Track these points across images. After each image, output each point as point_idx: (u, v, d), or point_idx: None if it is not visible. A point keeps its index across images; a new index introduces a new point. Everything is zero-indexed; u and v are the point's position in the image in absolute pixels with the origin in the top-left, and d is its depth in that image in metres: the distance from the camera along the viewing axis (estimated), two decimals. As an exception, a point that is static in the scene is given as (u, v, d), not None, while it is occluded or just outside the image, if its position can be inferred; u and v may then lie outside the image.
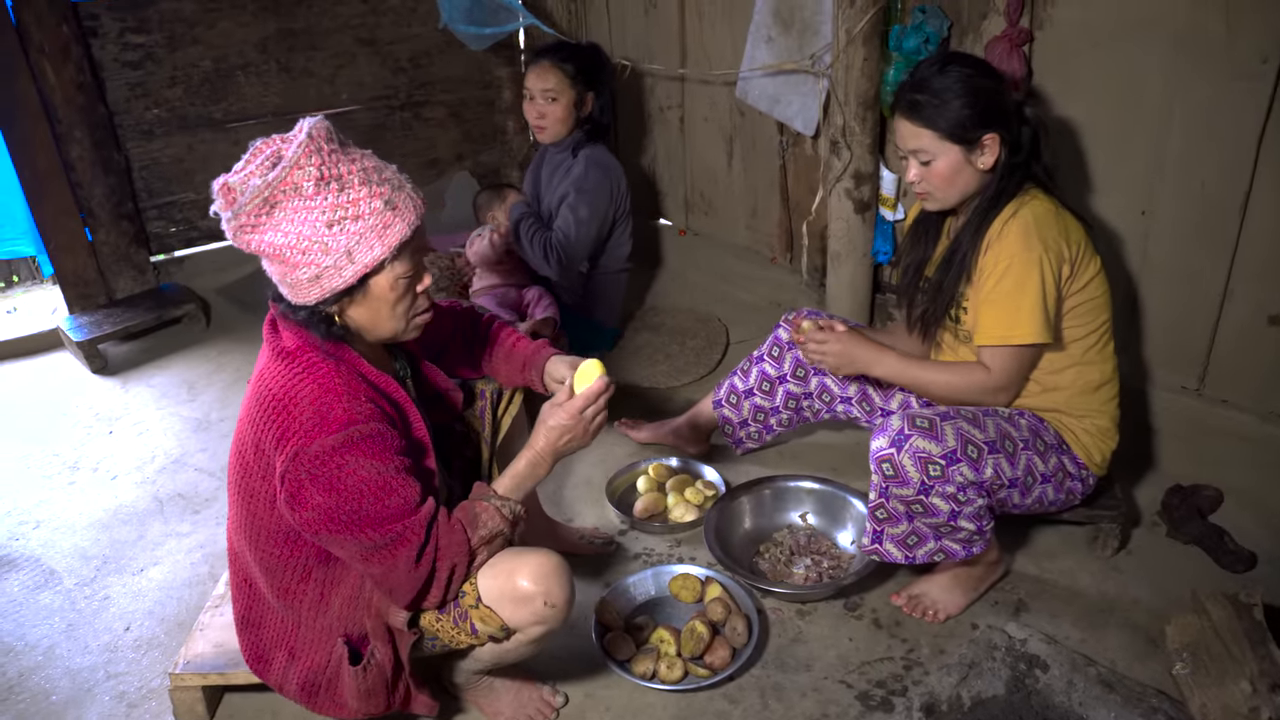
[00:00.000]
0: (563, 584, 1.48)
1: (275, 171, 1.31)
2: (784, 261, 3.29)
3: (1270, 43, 1.91)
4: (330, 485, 1.35)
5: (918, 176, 1.87)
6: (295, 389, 1.37)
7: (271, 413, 1.38)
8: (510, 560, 1.49)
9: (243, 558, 1.58)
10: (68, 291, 3.30)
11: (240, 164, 1.37)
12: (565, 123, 2.79)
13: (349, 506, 1.35)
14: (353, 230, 1.34)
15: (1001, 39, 2.25)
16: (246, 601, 1.61)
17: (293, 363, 1.40)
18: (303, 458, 1.34)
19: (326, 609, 1.53)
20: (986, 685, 1.73)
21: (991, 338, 1.84)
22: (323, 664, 1.54)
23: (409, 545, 1.39)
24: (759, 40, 2.91)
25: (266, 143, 1.37)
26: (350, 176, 1.34)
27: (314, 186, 1.32)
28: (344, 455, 1.34)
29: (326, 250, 1.34)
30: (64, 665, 1.95)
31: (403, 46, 3.70)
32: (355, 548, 1.39)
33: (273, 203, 1.32)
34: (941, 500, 1.74)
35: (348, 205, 1.33)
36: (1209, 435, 2.26)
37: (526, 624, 1.49)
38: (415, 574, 1.41)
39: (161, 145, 3.37)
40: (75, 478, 2.58)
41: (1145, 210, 2.21)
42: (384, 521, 1.37)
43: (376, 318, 1.45)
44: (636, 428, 2.57)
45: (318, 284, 1.37)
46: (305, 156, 1.31)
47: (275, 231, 1.34)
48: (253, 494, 1.47)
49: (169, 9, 3.24)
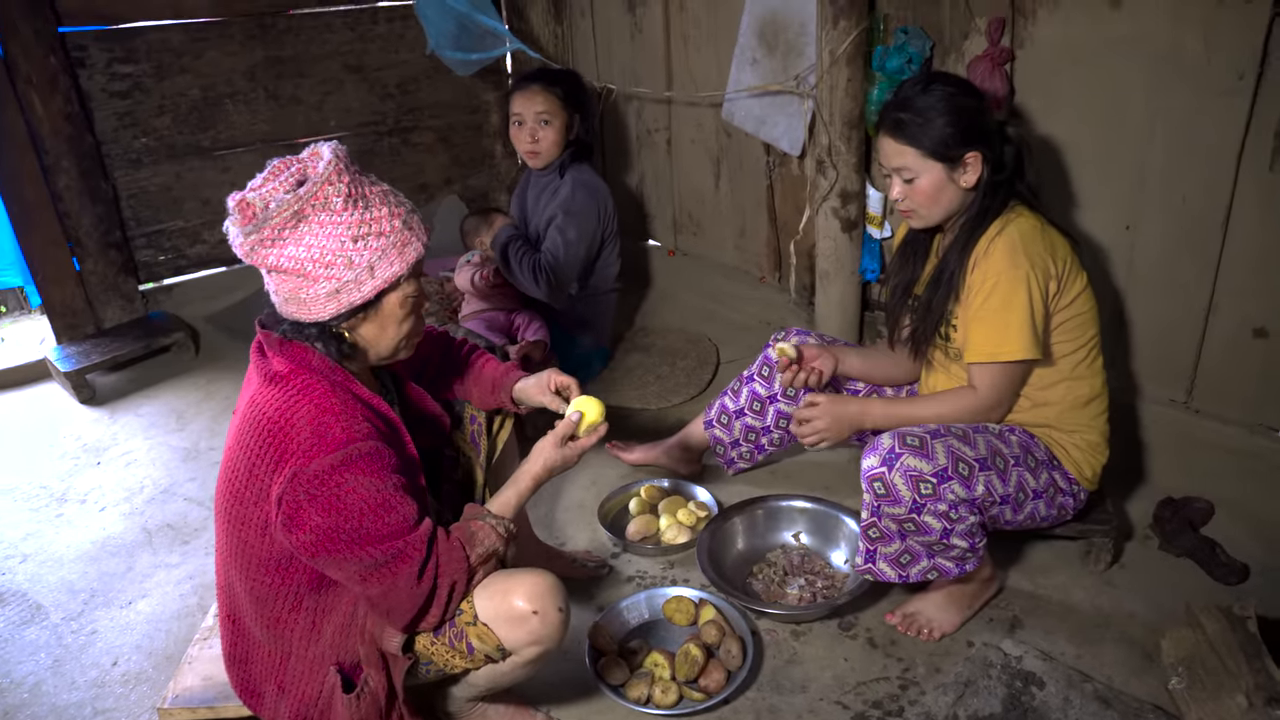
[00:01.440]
0: (558, 603, 1.49)
1: (306, 186, 1.35)
2: (773, 281, 3.30)
3: (1246, 59, 1.93)
4: (329, 504, 1.35)
5: (901, 194, 1.88)
6: (291, 411, 1.37)
7: (267, 436, 1.38)
8: (505, 580, 1.49)
9: (231, 590, 1.56)
10: (55, 322, 3.28)
11: (258, 181, 1.40)
12: (558, 145, 2.81)
13: (349, 525, 1.35)
14: (375, 246, 1.38)
15: (983, 58, 2.28)
16: (232, 638, 1.60)
17: (286, 386, 1.40)
18: (301, 478, 1.34)
19: (318, 638, 1.51)
20: (983, 703, 1.72)
21: (981, 355, 1.85)
22: (314, 695, 1.52)
23: (410, 562, 1.39)
24: (744, 63, 2.93)
25: (285, 162, 1.41)
26: (372, 196, 1.40)
27: (343, 202, 1.36)
28: (343, 474, 1.35)
29: (350, 265, 1.37)
30: (50, 702, 1.92)
31: (390, 73, 3.72)
32: (355, 567, 1.38)
33: (301, 216, 1.35)
34: (934, 518, 1.74)
35: (371, 222, 1.38)
36: (1198, 448, 2.27)
37: (522, 644, 1.49)
38: (416, 592, 1.41)
39: (149, 174, 3.37)
40: (63, 510, 2.56)
41: (1130, 225, 2.23)
42: (384, 539, 1.37)
43: (382, 335, 1.48)
44: (628, 449, 2.56)
45: (336, 298, 1.39)
46: (336, 174, 1.36)
47: (298, 245, 1.36)
48: (244, 521, 1.46)
49: (156, 39, 3.25)
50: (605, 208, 2.85)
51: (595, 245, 2.85)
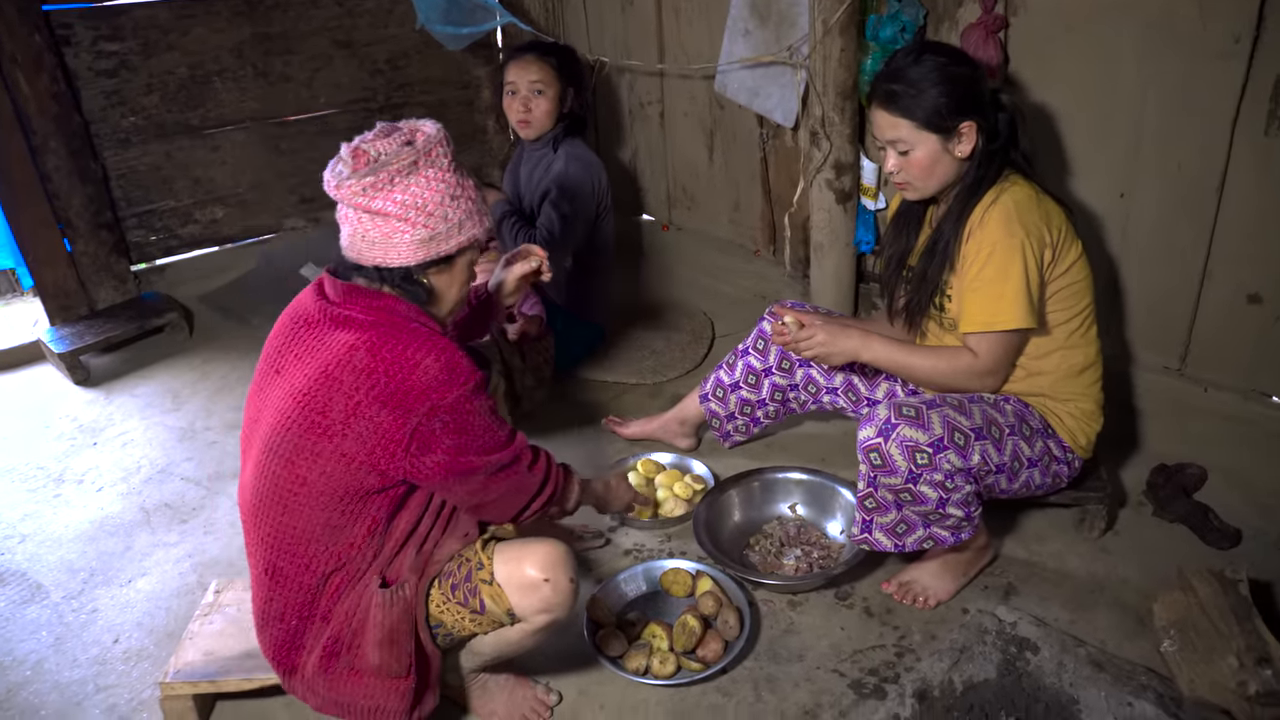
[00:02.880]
0: (569, 573, 1.56)
1: (421, 142, 1.52)
2: (767, 254, 3.29)
3: (1242, 22, 1.92)
4: (460, 428, 1.50)
5: (896, 166, 1.87)
6: (416, 352, 1.47)
7: (387, 378, 1.46)
8: (518, 549, 1.57)
9: (281, 534, 1.53)
10: (48, 303, 3.27)
11: (369, 135, 1.55)
12: (551, 116, 2.79)
13: (478, 443, 1.53)
14: (465, 207, 1.56)
15: (977, 26, 2.26)
16: (269, 594, 1.57)
17: (396, 331, 1.49)
18: (439, 410, 1.47)
19: (377, 556, 1.56)
20: (978, 669, 1.74)
21: (976, 324, 1.85)
22: (353, 610, 1.54)
23: (526, 457, 1.62)
24: (736, 34, 2.91)
25: (391, 125, 1.57)
26: (463, 168, 1.59)
27: (448, 163, 1.54)
28: (471, 401, 1.51)
29: (446, 218, 1.53)
30: (52, 679, 1.93)
31: (380, 48, 3.68)
32: (482, 474, 1.55)
33: (416, 167, 1.50)
34: (930, 488, 1.74)
35: (465, 186, 1.57)
36: (1192, 414, 2.28)
37: (532, 611, 1.54)
38: (534, 473, 1.63)
39: (139, 153, 3.34)
40: (60, 490, 2.56)
41: (1124, 193, 2.23)
42: (502, 446, 1.57)
43: (449, 290, 1.62)
44: (624, 424, 2.57)
45: (426, 246, 1.52)
46: (442, 141, 1.54)
47: (406, 192, 1.49)
48: (323, 455, 1.48)
49: (143, 16, 3.21)
50: (599, 181, 2.84)
51: (590, 219, 2.84)
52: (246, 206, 3.60)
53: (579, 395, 2.83)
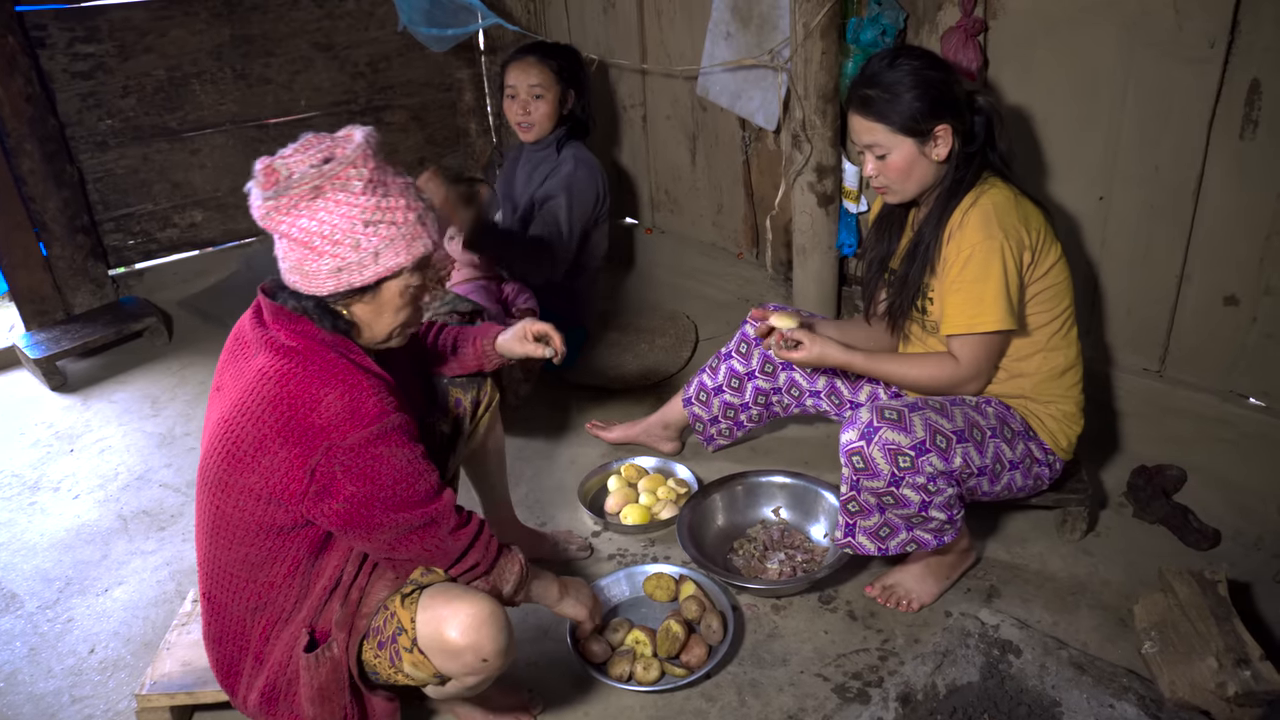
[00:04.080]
0: (494, 636, 1.44)
1: (330, 165, 1.38)
2: (750, 257, 3.30)
3: (1217, 26, 1.94)
4: (365, 475, 1.39)
5: (875, 171, 1.88)
6: (317, 387, 1.39)
7: (287, 409, 1.39)
8: (442, 607, 1.45)
9: (213, 563, 1.53)
10: (23, 308, 3.22)
11: (289, 150, 1.42)
12: (551, 119, 2.78)
13: (384, 494, 1.41)
14: (385, 235, 1.41)
15: (957, 29, 2.27)
16: (209, 616, 1.58)
17: (307, 361, 1.42)
18: (336, 451, 1.38)
19: (305, 601, 1.52)
20: (961, 672, 1.74)
21: (957, 326, 1.85)
22: (285, 662, 1.52)
23: (445, 521, 1.47)
24: (718, 37, 2.91)
25: (319, 137, 1.44)
26: (393, 187, 1.43)
27: (362, 186, 1.39)
28: (378, 446, 1.40)
29: (357, 247, 1.40)
30: (27, 690, 1.90)
31: (361, 51, 3.66)
32: (389, 533, 1.44)
33: (320, 191, 1.38)
34: (912, 491, 1.75)
35: (386, 211, 1.41)
36: (1171, 415, 2.29)
37: (459, 675, 1.48)
38: (457, 539, 1.48)
39: (116, 156, 3.30)
40: (36, 498, 2.53)
41: (1103, 195, 2.24)
42: (417, 504, 1.44)
43: (377, 319, 1.50)
44: (607, 428, 2.56)
45: (337, 276, 1.41)
46: (361, 159, 1.39)
47: (311, 218, 1.39)
48: (241, 489, 1.44)
49: (119, 17, 3.18)
50: (603, 186, 2.84)
51: (590, 222, 2.84)
52: (226, 210, 3.56)
53: (562, 399, 2.82)
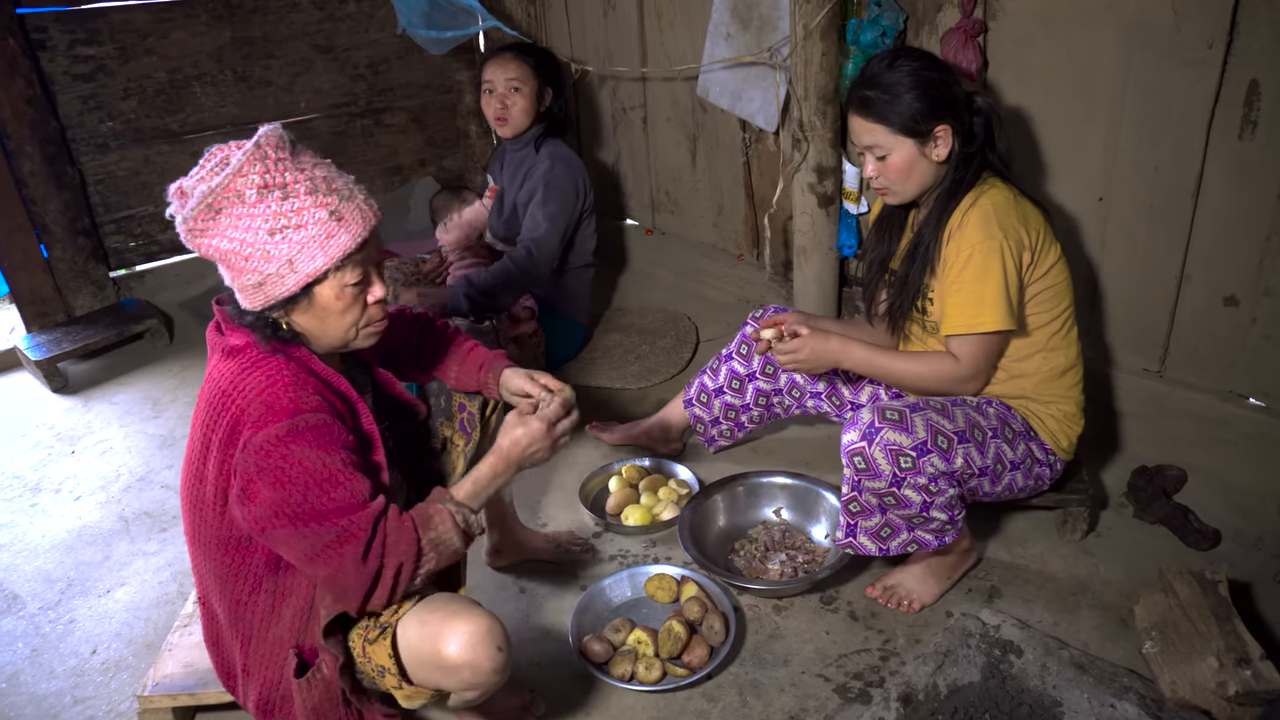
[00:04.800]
0: (491, 652, 1.39)
1: (219, 178, 1.31)
2: (751, 258, 3.30)
3: (1216, 27, 1.94)
4: (276, 477, 1.32)
5: (875, 172, 1.88)
6: (242, 381, 1.37)
7: (220, 408, 1.37)
8: (440, 622, 1.40)
9: (200, 571, 1.55)
10: (24, 310, 3.22)
11: (196, 168, 1.37)
12: (528, 114, 2.80)
13: (295, 499, 1.32)
14: (295, 240, 1.33)
15: (956, 30, 2.27)
16: (206, 620, 1.60)
17: (240, 357, 1.40)
18: (249, 449, 1.33)
19: (277, 620, 1.50)
20: (962, 673, 1.74)
21: (957, 327, 1.86)
22: (276, 680, 1.51)
23: (355, 541, 1.35)
24: (718, 38, 2.91)
25: (221, 148, 1.37)
26: (296, 185, 1.33)
27: (256, 194, 1.32)
28: (289, 445, 1.32)
29: (268, 258, 1.33)
30: (29, 691, 1.90)
31: (361, 53, 3.67)
32: (301, 545, 1.35)
33: (216, 209, 1.32)
34: (914, 491, 1.75)
35: (290, 214, 1.33)
36: (1171, 416, 2.29)
37: (457, 689, 1.44)
38: (363, 572, 1.36)
39: (117, 159, 3.31)
40: (37, 499, 2.53)
41: (1102, 196, 2.24)
42: (329, 515, 1.34)
43: (323, 325, 1.44)
44: (608, 430, 2.56)
45: (261, 291, 1.37)
46: (249, 164, 1.31)
47: (221, 237, 1.34)
48: (203, 500, 1.44)
49: (120, 19, 3.18)
50: (582, 181, 2.85)
51: (574, 219, 2.84)
52: (226, 212, 3.57)
53: (563, 400, 2.82)
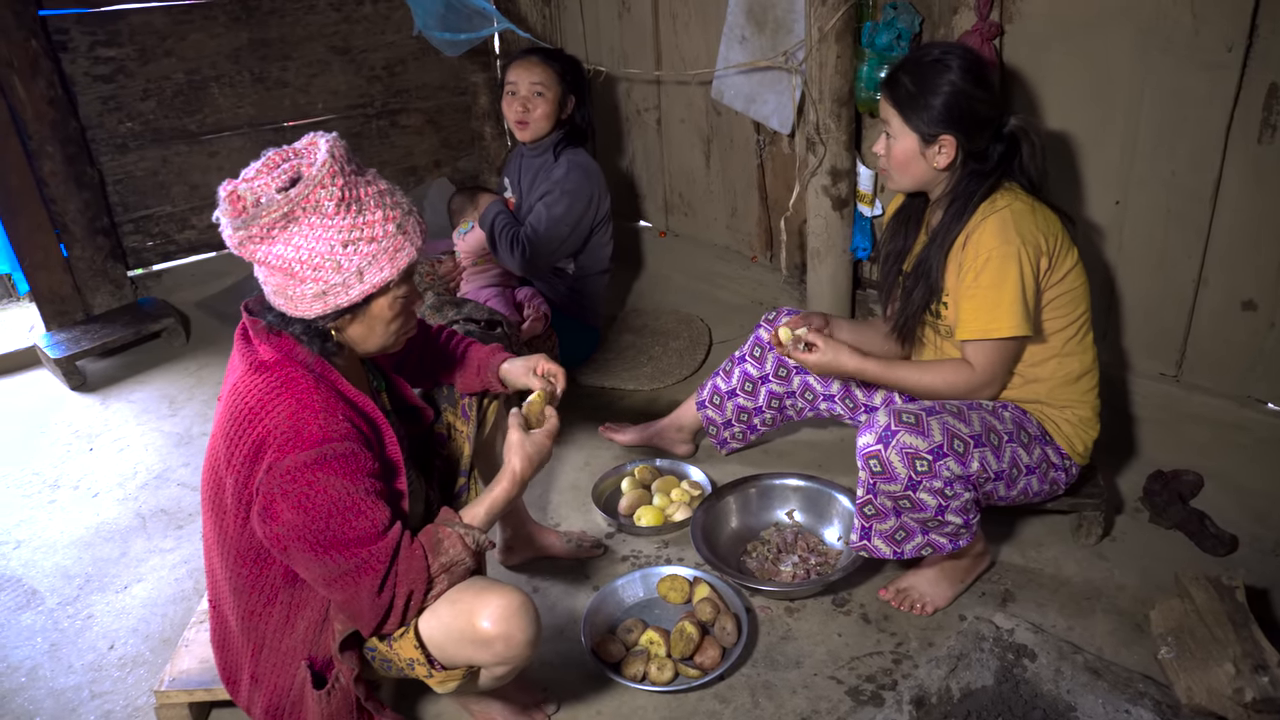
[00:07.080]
0: (524, 626, 1.44)
1: (298, 188, 1.31)
2: (765, 260, 3.30)
3: (1235, 30, 1.93)
4: (300, 502, 1.34)
5: (882, 150, 1.91)
6: (272, 402, 1.37)
7: (246, 426, 1.37)
8: (472, 598, 1.45)
9: (214, 576, 1.57)
10: (44, 308, 3.26)
11: (251, 171, 1.36)
12: (549, 120, 2.79)
13: (317, 526, 1.35)
14: (366, 251, 1.36)
15: (972, 33, 2.27)
16: (214, 622, 1.62)
17: (270, 376, 1.39)
18: (275, 471, 1.34)
19: (291, 632, 1.51)
20: (975, 676, 1.73)
21: (972, 332, 1.85)
22: (286, 688, 1.53)
23: (372, 574, 1.38)
24: (733, 41, 2.92)
25: (281, 154, 1.37)
26: (367, 199, 1.36)
27: (335, 206, 1.33)
28: (315, 473, 1.34)
29: (339, 269, 1.35)
30: (47, 686, 1.92)
31: (377, 55, 3.69)
32: (320, 570, 1.38)
33: (292, 218, 1.32)
34: (929, 495, 1.75)
35: (364, 227, 1.35)
36: (1188, 421, 2.28)
37: (489, 664, 1.48)
38: (377, 603, 1.40)
39: (136, 159, 3.34)
40: (56, 496, 2.55)
41: (1119, 200, 2.23)
42: (349, 545, 1.37)
43: (370, 333, 1.47)
44: (621, 431, 2.57)
45: (323, 299, 1.37)
46: (329, 176, 1.32)
47: (287, 245, 1.33)
48: (223, 510, 1.45)
49: (139, 21, 3.21)
50: (598, 190, 2.84)
51: (583, 226, 2.84)
52: (243, 212, 3.60)
53: (576, 401, 2.83)
